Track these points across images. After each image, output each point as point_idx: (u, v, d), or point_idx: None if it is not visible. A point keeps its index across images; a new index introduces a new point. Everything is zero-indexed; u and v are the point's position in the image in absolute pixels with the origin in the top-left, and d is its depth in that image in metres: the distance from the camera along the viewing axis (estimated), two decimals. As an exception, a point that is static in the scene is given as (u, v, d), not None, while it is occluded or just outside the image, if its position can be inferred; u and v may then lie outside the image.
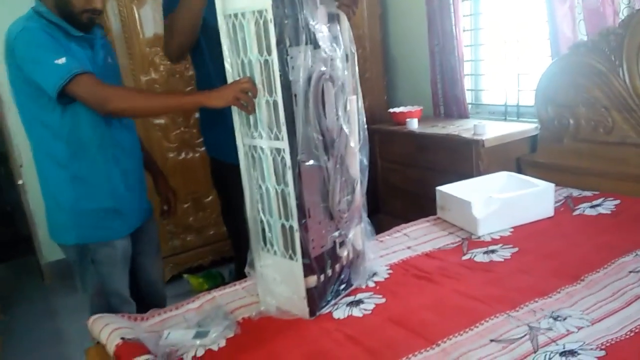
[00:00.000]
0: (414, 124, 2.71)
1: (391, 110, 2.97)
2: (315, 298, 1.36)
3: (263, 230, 1.41)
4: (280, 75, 1.22)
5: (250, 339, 1.29)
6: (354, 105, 1.47)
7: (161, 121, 2.67)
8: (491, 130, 2.41)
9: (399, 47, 3.35)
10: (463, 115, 2.87)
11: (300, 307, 1.36)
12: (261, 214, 1.40)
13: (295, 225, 1.30)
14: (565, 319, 1.24)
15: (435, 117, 3.00)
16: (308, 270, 1.33)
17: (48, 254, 3.12)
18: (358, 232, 1.52)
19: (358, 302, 1.41)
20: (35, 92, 1.40)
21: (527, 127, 2.49)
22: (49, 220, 1.60)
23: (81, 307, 2.66)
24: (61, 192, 1.52)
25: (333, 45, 1.35)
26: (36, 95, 1.41)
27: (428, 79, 3.02)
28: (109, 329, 1.28)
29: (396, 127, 2.82)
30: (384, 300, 1.41)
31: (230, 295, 1.53)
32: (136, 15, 2.51)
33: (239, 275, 1.67)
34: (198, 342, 1.26)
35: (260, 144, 1.33)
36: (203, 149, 2.79)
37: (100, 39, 1.57)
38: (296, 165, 1.27)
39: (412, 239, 1.84)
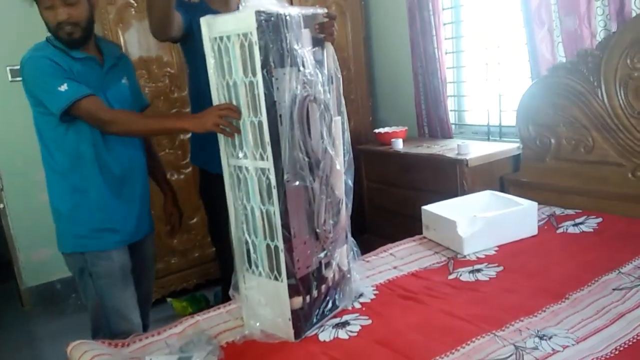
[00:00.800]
0: (399, 144, 2.73)
1: (376, 130, 2.99)
2: (301, 320, 1.34)
3: (248, 251, 1.40)
4: (265, 96, 1.23)
5: (234, 363, 1.27)
6: (339, 126, 1.48)
7: (145, 143, 2.66)
8: (475, 150, 2.44)
9: (384, 69, 3.40)
10: (447, 135, 2.90)
11: (285, 330, 1.34)
12: (246, 235, 1.39)
13: (281, 245, 1.29)
14: (550, 337, 1.24)
15: (419, 138, 3.03)
16: (293, 291, 1.32)
17: (28, 279, 3.04)
18: (343, 253, 1.51)
19: (344, 324, 1.40)
20: (44, 110, 1.55)
21: (509, 146, 2.53)
22: (55, 230, 1.69)
23: (61, 332, 2.59)
24: (62, 201, 1.63)
25: (316, 69, 1.36)
26: (45, 113, 1.56)
27: (412, 100, 3.06)
28: (88, 356, 1.24)
29: (381, 148, 2.84)
30: (370, 321, 1.40)
31: (213, 319, 1.50)
32: (121, 39, 2.51)
33: (226, 295, 1.64)
34: (181, 368, 1.23)
35: (245, 164, 1.33)
36: (188, 170, 2.79)
37: (113, 59, 1.67)
38: (281, 185, 1.27)
39: (398, 259, 1.83)
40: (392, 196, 2.76)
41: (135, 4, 2.53)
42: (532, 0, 2.29)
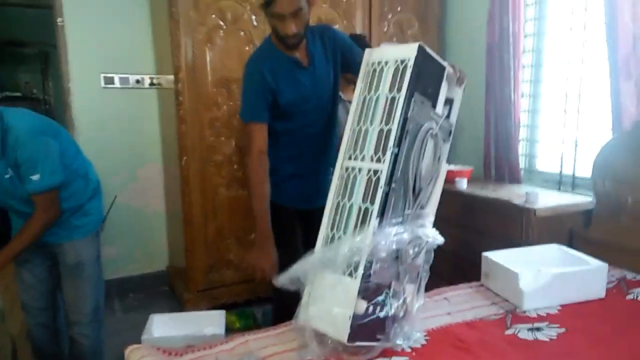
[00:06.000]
0: (463, 184, 2.68)
1: (441, 167, 2.95)
2: (358, 326, 1.32)
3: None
4: (401, 110, 1.37)
5: (280, 390, 1.28)
6: (444, 174, 1.61)
7: (217, 158, 2.78)
8: (544, 200, 2.35)
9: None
10: (515, 180, 2.82)
11: (341, 329, 1.31)
12: (334, 231, 1.43)
13: (364, 252, 1.31)
14: (613, 415, 1.16)
15: (485, 179, 2.96)
16: (361, 294, 1.32)
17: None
18: (411, 291, 1.50)
19: (393, 366, 1.38)
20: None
21: (582, 199, 2.41)
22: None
23: None
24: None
25: (444, 111, 1.55)
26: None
27: (481, 140, 3.00)
28: (145, 362, 1.30)
29: (444, 185, 2.79)
30: (419, 368, 1.37)
31: (263, 341, 1.52)
32: (207, 57, 2.66)
33: (276, 316, 1.66)
34: (229, 386, 1.26)
35: (359, 166, 1.43)
36: (252, 187, 2.88)
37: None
38: (387, 189, 1.36)
39: (453, 305, 1.79)
40: (451, 237, 2.64)
41: (225, 26, 2.68)
42: (620, 51, 2.21)
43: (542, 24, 2.81)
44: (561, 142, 2.68)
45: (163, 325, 2.33)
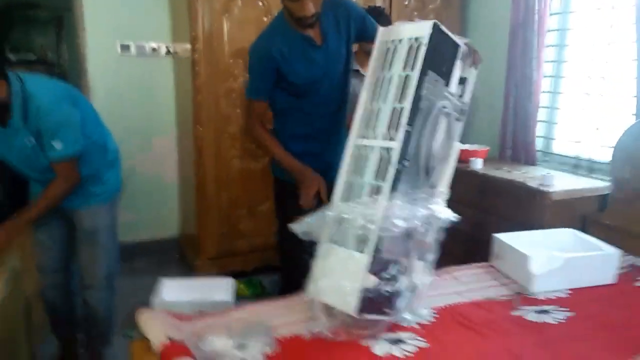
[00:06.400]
0: (478, 164, 2.65)
1: (456, 146, 2.92)
2: (367, 299, 1.35)
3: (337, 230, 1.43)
4: (415, 88, 1.37)
5: (287, 359, 1.30)
6: (456, 152, 1.62)
7: (232, 129, 2.77)
8: (560, 183, 2.32)
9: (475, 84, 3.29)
10: (531, 162, 2.78)
11: (349, 301, 1.34)
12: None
13: (375, 227, 1.33)
14: (618, 400, 1.17)
15: (500, 160, 2.92)
16: (371, 268, 1.34)
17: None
18: (420, 267, 1.51)
19: (399, 341, 1.40)
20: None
21: (598, 184, 2.38)
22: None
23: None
24: None
25: (458, 90, 1.57)
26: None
27: (499, 120, 2.95)
28: (157, 325, 1.33)
29: (459, 165, 2.75)
30: (426, 344, 1.39)
31: (273, 311, 1.55)
32: (224, 28, 2.63)
33: (285, 286, 1.68)
34: (238, 353, 1.29)
35: (372, 144, 1.44)
36: (264, 160, 2.88)
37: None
38: (398, 167, 1.37)
39: (462, 284, 1.79)
40: (464, 217, 2.64)
41: (242, -4, 2.64)
42: (649, 34, 2.14)
43: (569, 3, 2.73)
44: (581, 125, 2.62)
45: (173, 290, 2.37)
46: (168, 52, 3.12)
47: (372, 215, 1.34)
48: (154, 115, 3.20)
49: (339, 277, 1.38)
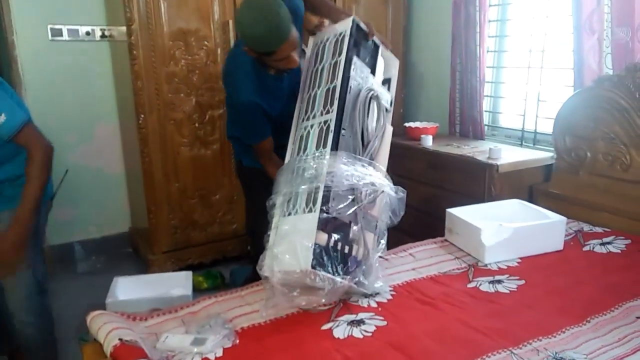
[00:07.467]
0: (428, 141, 2.69)
1: (407, 124, 2.95)
2: (320, 256, 1.36)
3: (289, 200, 1.48)
4: (344, 70, 1.56)
5: (248, 350, 1.28)
6: (389, 135, 1.69)
7: (177, 115, 2.67)
8: (506, 155, 2.39)
9: (420, 61, 3.33)
10: (479, 136, 2.85)
11: (302, 258, 1.34)
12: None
13: (321, 185, 1.41)
14: (568, 361, 1.22)
15: (450, 136, 2.97)
16: (321, 227, 1.37)
17: (50, 237, 3.12)
18: (372, 239, 1.53)
19: (359, 322, 1.40)
20: None
21: (543, 155, 2.47)
22: None
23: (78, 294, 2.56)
24: None
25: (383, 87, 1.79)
26: None
27: (447, 97, 3.00)
28: (108, 328, 1.27)
29: (410, 142, 2.80)
30: (385, 323, 1.40)
31: (230, 303, 1.51)
32: (162, 8, 2.50)
33: (255, 274, 1.64)
34: (195, 349, 1.25)
35: (311, 123, 1.61)
36: (216, 146, 2.80)
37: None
38: (336, 135, 1.50)
39: (418, 260, 1.82)
40: (416, 193, 2.71)
41: (179, -25, 2.51)
42: (584, 7, 2.21)
43: (509, -23, 2.77)
44: (524, 98, 2.70)
45: (128, 288, 2.29)
46: (103, 35, 2.95)
47: (317, 174, 1.44)
48: (93, 104, 3.03)
49: (291, 239, 1.40)
